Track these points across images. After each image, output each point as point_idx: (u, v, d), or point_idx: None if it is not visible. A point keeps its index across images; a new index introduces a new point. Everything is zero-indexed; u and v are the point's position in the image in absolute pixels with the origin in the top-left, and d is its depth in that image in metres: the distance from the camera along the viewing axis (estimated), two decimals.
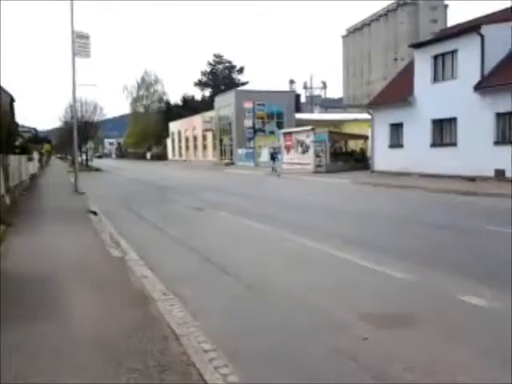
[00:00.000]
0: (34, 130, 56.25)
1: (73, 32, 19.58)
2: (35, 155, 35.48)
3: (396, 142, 26.84)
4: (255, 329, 4.61)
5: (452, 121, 22.74)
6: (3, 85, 25.13)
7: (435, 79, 23.91)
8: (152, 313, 4.79)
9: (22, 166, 20.58)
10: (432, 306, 5.14)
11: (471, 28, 21.98)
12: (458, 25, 28.63)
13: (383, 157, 27.68)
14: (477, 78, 21.08)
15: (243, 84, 76.90)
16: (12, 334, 4.26)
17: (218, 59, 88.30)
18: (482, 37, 20.90)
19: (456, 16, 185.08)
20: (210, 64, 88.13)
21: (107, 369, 3.59)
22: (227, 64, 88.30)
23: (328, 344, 4.16)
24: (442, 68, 23.60)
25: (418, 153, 24.27)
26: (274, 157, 34.69)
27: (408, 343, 4.17)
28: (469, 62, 21.56)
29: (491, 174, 19.89)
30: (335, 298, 5.49)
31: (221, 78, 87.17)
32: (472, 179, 20.24)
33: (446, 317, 4.82)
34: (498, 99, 20.05)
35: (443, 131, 23.58)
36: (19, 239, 9.06)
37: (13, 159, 16.33)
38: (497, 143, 20.28)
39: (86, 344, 4.09)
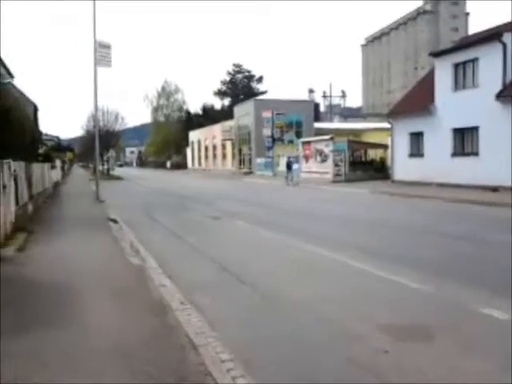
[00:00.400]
0: (57, 138, 57.34)
1: (95, 41, 19.97)
2: (58, 163, 36.10)
3: (416, 151, 26.58)
4: (272, 339, 4.60)
5: (473, 130, 22.45)
6: (27, 94, 25.75)
7: (456, 88, 23.68)
8: (170, 322, 4.83)
9: (45, 174, 20.96)
10: (449, 318, 5.08)
11: (492, 36, 21.74)
12: (479, 33, 28.34)
13: (403, 166, 27.43)
14: (498, 86, 20.80)
15: (262, 93, 77.07)
16: (30, 341, 4.34)
17: (238, 69, 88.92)
18: (504, 44, 20.65)
19: (477, 24, 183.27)
20: (230, 73, 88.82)
21: (124, 377, 3.62)
22: (246, 73, 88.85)
23: (344, 355, 4.13)
24: (463, 76, 23.36)
25: (438, 162, 23.99)
26: (289, 166, 33.47)
27: (426, 356, 4.11)
28: (490, 70, 21.30)
29: None
30: (351, 309, 5.45)
31: (240, 87, 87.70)
32: (494, 189, 19.90)
33: (464, 329, 4.75)
34: None
35: (464, 140, 23.28)
36: (40, 247, 9.22)
37: (36, 167, 16.65)
38: None
39: (103, 352, 4.13)
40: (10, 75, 23.56)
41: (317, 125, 51.45)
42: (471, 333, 4.67)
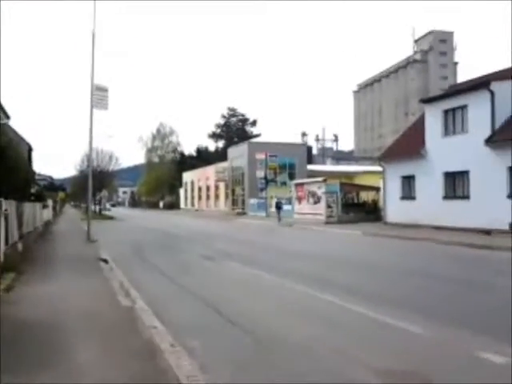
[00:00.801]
0: (50, 178, 57.44)
1: (92, 84, 20.30)
2: (50, 202, 35.94)
3: (408, 193, 26.82)
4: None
5: (464, 174, 22.76)
6: (22, 134, 25.93)
7: (446, 133, 24.16)
8: (160, 365, 4.69)
9: (36, 213, 20.82)
10: (447, 362, 4.97)
11: (481, 84, 22.39)
12: (468, 81, 29.20)
13: (395, 208, 27.59)
14: (488, 132, 21.27)
15: (256, 136, 78.42)
16: (15, 381, 4.19)
17: (232, 112, 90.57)
18: (492, 93, 21.25)
19: (466, 72, 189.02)
20: (224, 117, 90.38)
21: None
22: (240, 117, 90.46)
23: None
24: (453, 122, 23.89)
25: (430, 205, 24.17)
26: (279, 206, 35.82)
27: None
28: (479, 116, 21.83)
29: (506, 227, 19.64)
30: (345, 352, 5.33)
31: (234, 130, 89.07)
32: (487, 232, 19.99)
33: (465, 374, 4.65)
34: (510, 153, 20.10)
35: (455, 184, 23.57)
36: (29, 287, 9.04)
37: (28, 206, 16.56)
38: (510, 196, 20.14)
39: None
40: (7, 116, 23.81)
41: (310, 167, 52.01)
42: (473, 379, 4.57)
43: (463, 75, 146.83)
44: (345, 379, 4.54)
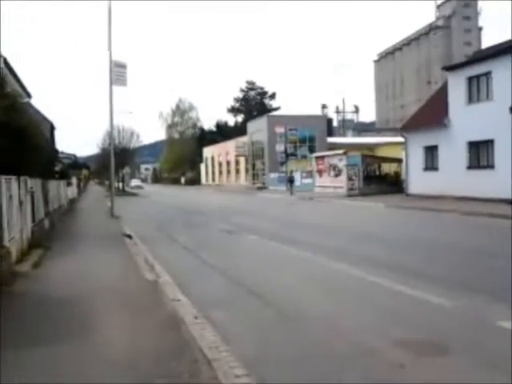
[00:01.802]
0: (74, 156, 58.11)
1: (111, 61, 20.31)
2: (74, 180, 36.56)
3: (431, 164, 26.40)
4: (286, 355, 4.54)
5: (489, 143, 22.25)
6: (44, 113, 26.24)
7: (470, 101, 23.56)
8: (184, 336, 4.81)
9: (61, 191, 21.24)
10: (468, 333, 4.98)
11: (506, 49, 21.65)
12: (493, 46, 28.24)
13: (418, 180, 27.23)
14: None
15: (275, 109, 77.64)
16: (43, 355, 4.36)
17: (251, 86, 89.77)
18: None
19: (490, 38, 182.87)
20: (243, 90, 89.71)
21: None
22: (259, 90, 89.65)
23: (359, 370, 4.06)
24: (477, 90, 23.24)
25: (453, 176, 23.77)
26: (291, 180, 38.72)
27: (443, 370, 4.03)
28: (504, 83, 21.15)
29: None
30: (367, 323, 5.37)
31: (253, 103, 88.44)
32: (510, 202, 19.61)
33: (484, 344, 4.65)
34: None
35: (480, 153, 23.08)
36: (56, 263, 9.30)
37: (52, 184, 16.89)
38: None
39: (116, 365, 4.12)
40: (28, 95, 24.05)
41: (330, 140, 51.51)
42: (492, 347, 4.56)
43: (488, 40, 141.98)
44: (363, 348, 4.59)
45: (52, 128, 28.76)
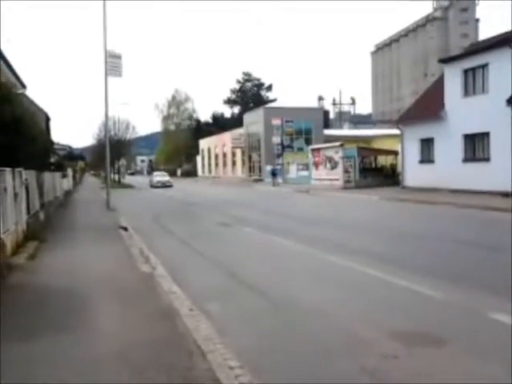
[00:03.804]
0: (69, 147, 57.91)
1: (105, 52, 20.18)
2: (69, 172, 36.45)
3: (427, 157, 26.43)
4: (281, 346, 4.58)
5: (484, 135, 22.27)
6: (40, 104, 26.07)
7: (466, 93, 23.53)
8: (179, 328, 4.83)
9: (56, 183, 21.18)
10: (460, 324, 5.02)
11: (502, 41, 21.60)
12: (489, 38, 28.20)
13: (414, 172, 27.27)
14: (509, 91, 20.61)
15: (272, 101, 77.36)
16: (38, 346, 4.37)
17: (247, 77, 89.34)
18: None
19: (487, 30, 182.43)
20: (239, 82, 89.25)
21: (132, 381, 3.63)
22: (256, 82, 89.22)
23: (355, 363, 4.10)
24: (473, 82, 23.22)
25: (449, 168, 23.81)
26: (274, 173, 39.03)
27: (435, 361, 4.07)
28: (500, 75, 21.14)
29: None
30: (361, 315, 5.41)
31: (249, 95, 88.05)
32: (506, 195, 19.70)
33: (476, 335, 4.69)
34: None
35: (475, 146, 23.10)
36: (51, 255, 9.29)
37: (47, 176, 16.83)
38: None
39: (110, 356, 4.14)
40: (23, 86, 23.87)
41: (326, 132, 51.45)
42: (484, 338, 4.61)
43: (485, 32, 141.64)
44: (357, 339, 4.63)
45: (47, 119, 28.58)
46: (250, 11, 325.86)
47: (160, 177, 48.65)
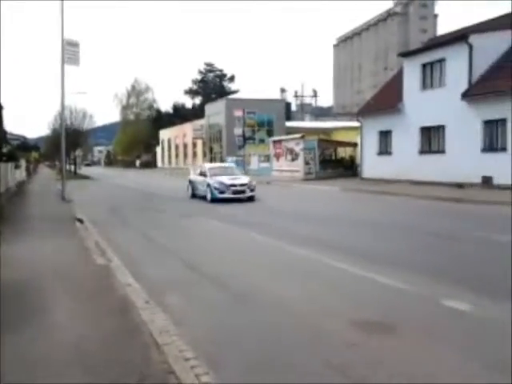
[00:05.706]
0: (23, 137, 55.90)
1: (62, 40, 19.46)
2: (23, 162, 35.17)
3: (385, 149, 26.97)
4: (240, 337, 4.52)
5: (440, 128, 22.90)
6: None
7: (424, 87, 24.10)
8: (134, 321, 4.70)
9: (8, 174, 20.37)
10: (415, 312, 5.12)
11: (459, 37, 22.19)
12: (447, 34, 28.94)
13: (372, 164, 27.78)
14: (464, 86, 21.27)
15: (234, 92, 76.97)
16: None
17: (209, 67, 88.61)
18: (470, 46, 21.09)
19: (445, 25, 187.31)
20: (201, 72, 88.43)
21: (85, 378, 3.49)
22: (218, 72, 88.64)
23: (316, 355, 4.09)
24: (431, 76, 23.80)
25: (406, 160, 24.38)
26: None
27: (392, 348, 4.12)
28: (457, 70, 21.76)
29: (478, 180, 20.02)
30: (320, 305, 5.42)
31: (211, 86, 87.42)
32: (460, 186, 20.35)
33: (429, 322, 4.79)
34: (485, 107, 20.24)
35: (431, 138, 23.74)
36: (4, 247, 8.89)
37: None
38: (484, 150, 20.43)
39: (64, 350, 3.99)
40: None
41: (288, 124, 51.69)
42: (438, 325, 4.71)
43: (443, 28, 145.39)
44: (315, 329, 4.63)
45: (0, 108, 27.42)
46: (213, 1, 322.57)
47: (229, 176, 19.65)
